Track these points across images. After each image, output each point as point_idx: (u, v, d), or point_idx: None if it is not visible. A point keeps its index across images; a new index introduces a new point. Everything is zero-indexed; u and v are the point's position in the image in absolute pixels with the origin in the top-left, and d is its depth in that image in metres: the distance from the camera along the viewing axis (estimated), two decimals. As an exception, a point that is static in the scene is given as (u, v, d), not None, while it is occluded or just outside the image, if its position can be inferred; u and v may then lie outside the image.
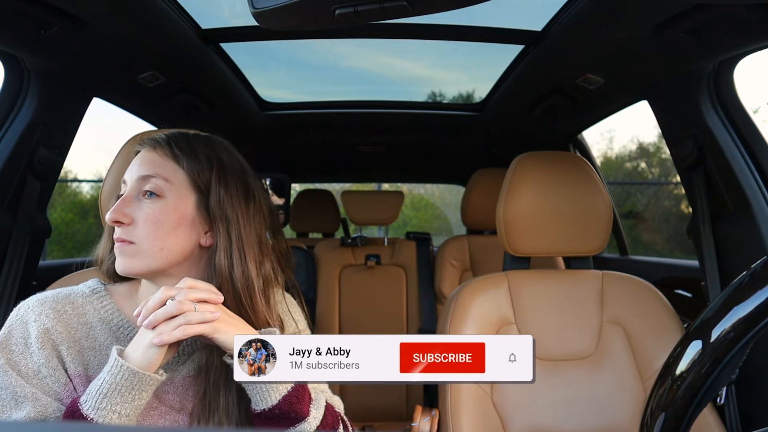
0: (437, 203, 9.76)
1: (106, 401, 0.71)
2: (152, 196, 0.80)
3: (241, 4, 1.48)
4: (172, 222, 0.80)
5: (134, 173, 0.82)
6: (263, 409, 0.78)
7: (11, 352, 0.77)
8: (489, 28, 1.60)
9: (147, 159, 0.83)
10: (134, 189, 0.81)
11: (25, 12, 1.13)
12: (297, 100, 2.35)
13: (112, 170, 1.05)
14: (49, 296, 0.82)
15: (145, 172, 0.81)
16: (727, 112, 1.38)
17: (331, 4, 0.66)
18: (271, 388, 0.78)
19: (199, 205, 0.83)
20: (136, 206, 0.80)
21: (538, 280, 1.35)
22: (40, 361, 0.77)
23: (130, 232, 0.79)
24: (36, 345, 0.77)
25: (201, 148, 0.85)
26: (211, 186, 0.83)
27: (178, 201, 0.81)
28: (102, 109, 1.85)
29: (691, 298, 1.76)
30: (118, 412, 0.72)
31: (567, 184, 1.33)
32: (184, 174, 0.83)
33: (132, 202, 0.80)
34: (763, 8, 1.02)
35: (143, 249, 0.79)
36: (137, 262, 0.79)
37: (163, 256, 0.80)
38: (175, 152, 0.83)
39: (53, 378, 0.77)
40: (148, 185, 0.80)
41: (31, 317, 0.79)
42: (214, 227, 0.83)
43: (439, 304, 2.48)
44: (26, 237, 1.41)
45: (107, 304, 0.85)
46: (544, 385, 1.25)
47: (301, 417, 0.80)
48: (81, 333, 0.81)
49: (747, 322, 0.58)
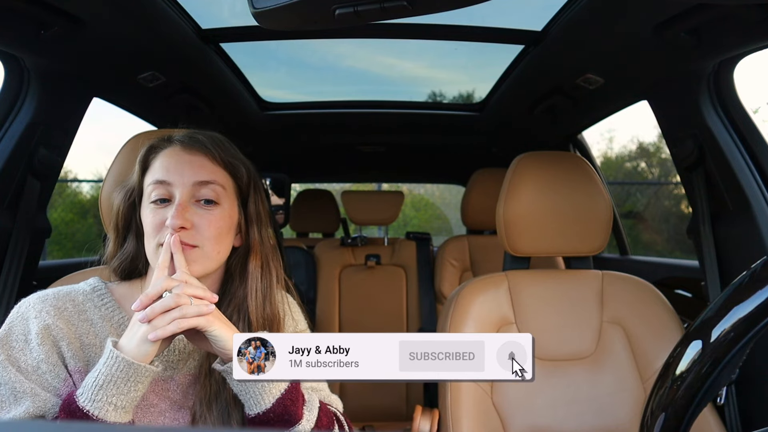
0: (437, 203, 9.76)
1: (101, 393, 0.71)
2: (211, 203, 0.83)
3: (241, 4, 1.48)
4: (228, 227, 0.85)
5: (187, 178, 0.82)
6: (257, 413, 0.78)
7: (11, 348, 0.77)
8: (489, 28, 1.60)
9: (199, 164, 0.83)
10: (190, 194, 0.82)
11: (25, 12, 1.13)
12: (297, 100, 2.35)
13: (112, 170, 1.05)
14: (50, 293, 0.83)
15: (202, 178, 0.83)
16: (727, 112, 1.38)
17: (331, 4, 0.66)
18: (265, 392, 0.78)
19: (240, 209, 0.88)
20: (194, 211, 0.82)
21: (538, 280, 1.35)
22: (39, 357, 0.77)
23: (192, 237, 0.81)
24: (36, 341, 0.77)
25: (236, 153, 0.89)
26: (250, 191, 0.88)
27: (231, 208, 0.85)
28: (102, 109, 1.86)
29: (691, 298, 1.76)
30: (114, 404, 0.72)
31: (567, 184, 1.33)
32: (233, 181, 0.87)
33: (189, 208, 0.82)
34: (763, 8, 1.02)
35: (206, 253, 0.82)
36: (198, 266, 0.81)
37: (219, 259, 0.84)
38: (226, 159, 0.86)
39: (53, 374, 0.77)
40: (206, 191, 0.83)
41: (32, 314, 0.79)
42: (250, 230, 0.88)
43: (439, 304, 2.48)
44: (26, 237, 1.41)
45: (108, 302, 0.85)
46: (544, 385, 1.25)
47: (295, 420, 0.81)
48: (82, 329, 0.81)
49: (747, 322, 0.58)
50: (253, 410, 0.78)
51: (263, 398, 0.78)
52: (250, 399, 0.78)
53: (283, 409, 0.79)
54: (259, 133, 2.43)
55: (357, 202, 2.66)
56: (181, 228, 0.79)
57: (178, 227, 0.78)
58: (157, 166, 0.84)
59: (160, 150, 0.86)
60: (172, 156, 0.84)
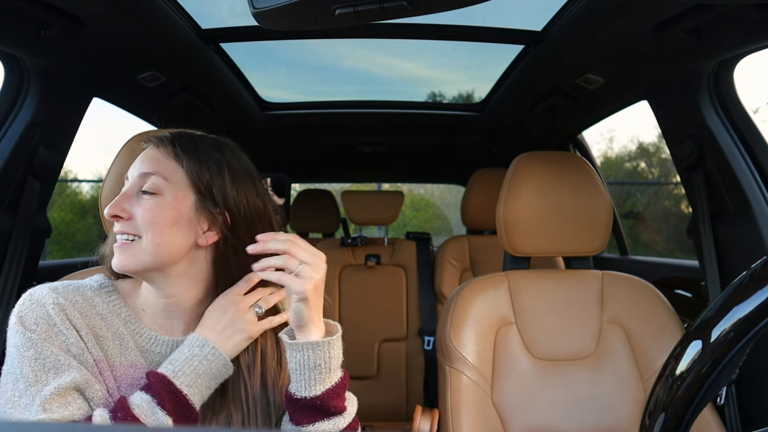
0: (437, 203, 9.76)
1: (200, 381, 0.77)
2: (150, 193, 0.81)
3: (241, 4, 1.48)
4: (169, 219, 0.80)
5: (136, 170, 0.83)
6: (305, 397, 0.79)
7: (35, 332, 0.75)
8: (489, 28, 1.59)
9: (149, 156, 0.84)
10: (134, 186, 0.82)
11: (25, 12, 1.13)
12: (297, 100, 2.35)
13: (112, 170, 1.05)
14: (60, 286, 0.82)
15: (145, 170, 0.82)
16: (727, 112, 1.38)
17: (331, 4, 0.65)
18: (320, 378, 0.79)
19: (199, 205, 0.83)
20: (135, 202, 0.81)
21: (538, 280, 1.35)
22: (69, 339, 0.76)
23: (128, 226, 0.80)
24: (62, 325, 0.76)
25: (206, 149, 0.86)
26: (213, 185, 0.84)
27: (175, 199, 0.82)
28: (102, 109, 1.86)
29: (691, 298, 1.76)
30: (202, 396, 0.78)
31: (567, 184, 1.34)
32: (183, 173, 0.83)
33: (131, 198, 0.81)
34: (763, 8, 1.03)
35: (142, 244, 0.79)
36: (134, 260, 0.79)
37: (160, 252, 0.80)
38: (177, 151, 0.83)
39: (83, 357, 0.77)
40: (147, 182, 0.81)
41: (48, 300, 0.78)
42: (225, 226, 0.84)
43: (439, 304, 2.48)
44: (26, 237, 1.41)
45: (115, 299, 0.85)
46: (544, 385, 1.25)
47: (339, 411, 0.81)
48: (95, 321, 0.81)
49: (747, 322, 0.58)
50: (301, 392, 0.79)
51: (317, 384, 0.79)
52: (302, 380, 0.79)
53: (330, 399, 0.79)
54: (259, 133, 2.43)
55: (357, 202, 2.66)
56: (114, 216, 0.80)
57: (110, 215, 0.80)
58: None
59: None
60: (141, 153, 0.86)
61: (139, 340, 0.83)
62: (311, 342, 0.79)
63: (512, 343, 1.28)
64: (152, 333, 0.84)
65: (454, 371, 1.22)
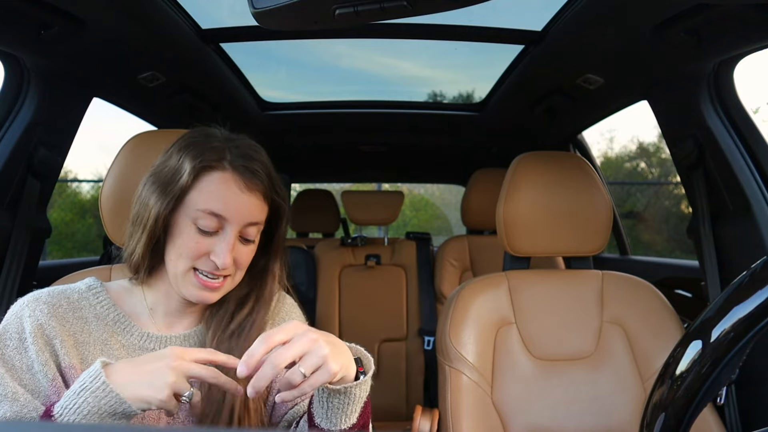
0: (437, 203, 9.76)
1: (85, 419, 0.66)
2: (249, 242, 0.86)
3: (241, 4, 1.48)
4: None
5: (242, 218, 0.82)
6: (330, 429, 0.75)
7: (5, 347, 0.77)
8: (489, 28, 1.59)
9: (253, 204, 0.84)
10: (236, 234, 0.83)
11: (25, 12, 1.13)
12: (297, 100, 2.35)
13: (112, 170, 1.04)
14: (45, 293, 0.83)
15: (252, 220, 0.84)
16: (727, 112, 1.38)
17: (331, 4, 0.65)
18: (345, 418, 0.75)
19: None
20: (236, 247, 0.84)
21: (538, 280, 1.35)
22: (32, 356, 0.77)
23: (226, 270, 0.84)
24: (30, 340, 0.78)
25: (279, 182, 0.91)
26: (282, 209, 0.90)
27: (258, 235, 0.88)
28: (102, 109, 1.86)
29: (691, 298, 1.76)
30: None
31: (567, 184, 1.33)
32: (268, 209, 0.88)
33: (236, 245, 0.83)
34: (763, 8, 1.02)
35: (234, 280, 0.86)
36: (221, 294, 0.85)
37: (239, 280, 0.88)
38: (272, 196, 0.88)
39: (42, 373, 0.77)
40: (251, 230, 0.85)
41: (26, 313, 0.80)
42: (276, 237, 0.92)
43: (439, 304, 2.48)
44: (26, 237, 1.41)
45: (103, 300, 0.86)
46: (544, 385, 1.25)
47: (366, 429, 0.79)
48: (76, 327, 0.82)
49: (747, 322, 0.58)
50: (337, 426, 0.75)
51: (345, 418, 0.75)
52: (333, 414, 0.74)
53: (353, 428, 0.77)
54: (259, 133, 2.42)
55: (357, 202, 2.66)
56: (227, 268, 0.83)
57: (226, 269, 0.82)
58: (213, 193, 0.80)
59: (213, 170, 0.82)
60: (229, 187, 0.81)
61: (130, 339, 0.84)
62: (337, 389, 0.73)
63: (512, 343, 1.28)
64: (144, 331, 0.85)
65: (454, 371, 1.22)
